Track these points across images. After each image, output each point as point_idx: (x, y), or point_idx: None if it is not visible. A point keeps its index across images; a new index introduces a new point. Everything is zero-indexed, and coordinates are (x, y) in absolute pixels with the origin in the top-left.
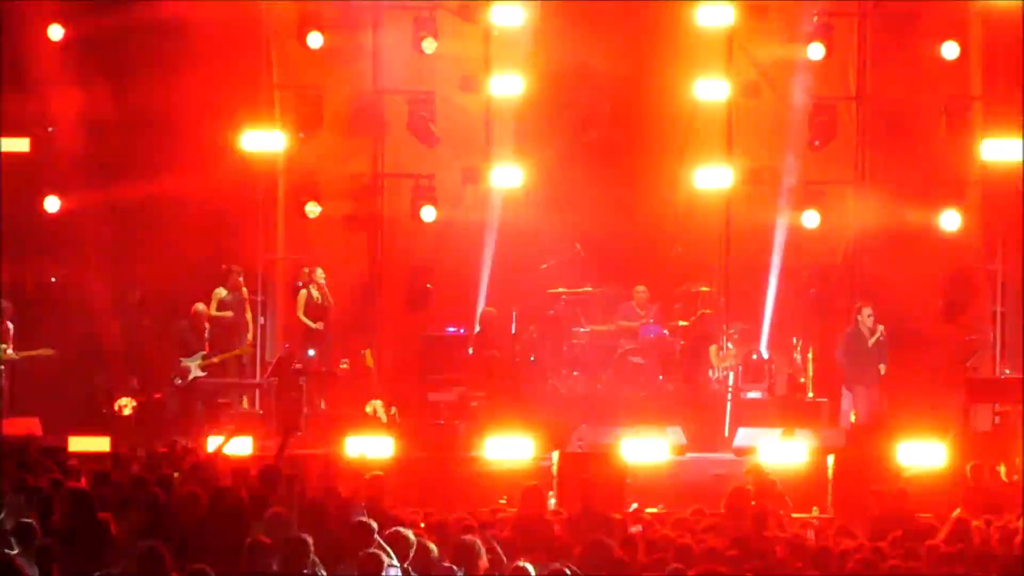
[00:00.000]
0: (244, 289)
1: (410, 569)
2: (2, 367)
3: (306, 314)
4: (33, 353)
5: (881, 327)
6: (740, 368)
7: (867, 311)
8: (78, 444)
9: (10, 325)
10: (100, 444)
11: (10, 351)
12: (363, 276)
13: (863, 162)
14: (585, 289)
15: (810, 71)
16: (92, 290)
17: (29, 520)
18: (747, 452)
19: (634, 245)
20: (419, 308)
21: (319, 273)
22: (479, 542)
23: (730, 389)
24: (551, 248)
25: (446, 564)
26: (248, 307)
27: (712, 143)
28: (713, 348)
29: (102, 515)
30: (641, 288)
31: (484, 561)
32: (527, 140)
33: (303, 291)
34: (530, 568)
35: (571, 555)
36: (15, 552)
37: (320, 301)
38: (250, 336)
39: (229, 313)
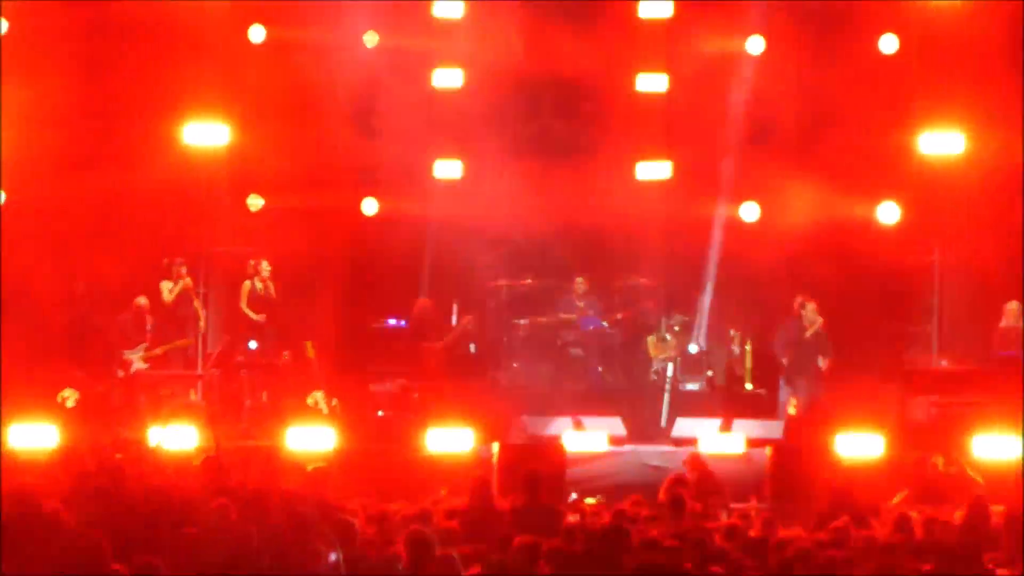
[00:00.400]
0: (188, 279)
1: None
2: None
3: (249, 306)
4: None
5: (819, 320)
6: (679, 360)
7: (811, 306)
8: (20, 435)
9: None
10: (45, 434)
11: None
12: (305, 268)
13: (802, 155)
14: (525, 282)
15: (750, 65)
16: (35, 281)
17: None
18: (686, 443)
19: (574, 238)
20: (360, 300)
21: (264, 266)
22: (431, 534)
23: (668, 380)
24: (490, 241)
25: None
26: (195, 298)
27: (652, 136)
28: (651, 339)
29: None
30: (580, 280)
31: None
32: (468, 133)
33: (247, 283)
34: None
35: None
36: None
37: (263, 293)
38: (202, 325)
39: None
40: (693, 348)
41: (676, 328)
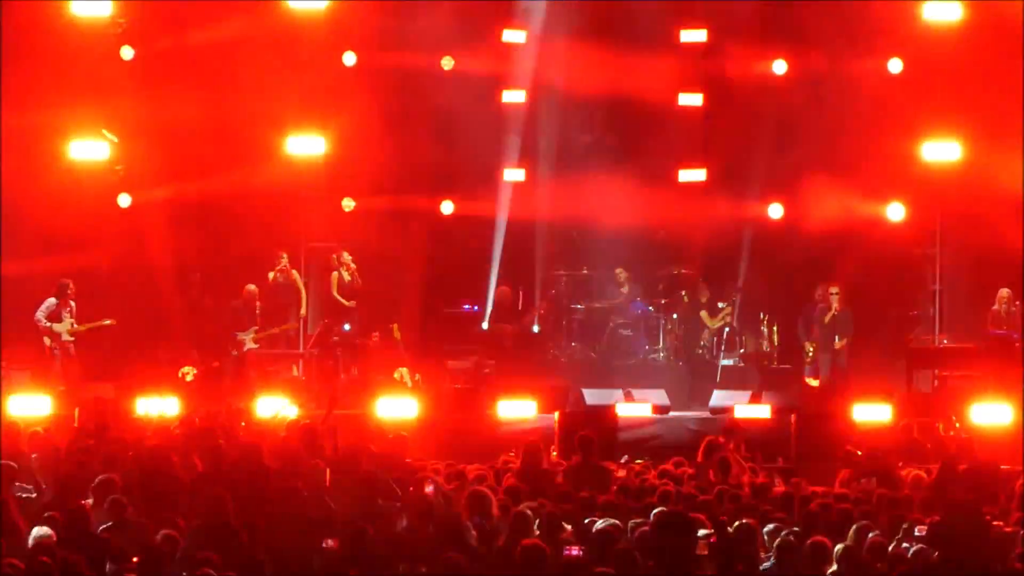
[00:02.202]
0: (293, 272)
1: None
2: (72, 339)
3: (339, 293)
4: (96, 324)
5: (836, 306)
6: (715, 339)
7: (834, 290)
8: (146, 406)
9: (72, 303)
10: (167, 406)
11: (76, 325)
12: (391, 261)
13: (821, 162)
14: (581, 272)
15: (776, 84)
16: (158, 273)
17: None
18: (722, 411)
19: (623, 233)
20: (439, 288)
21: (345, 256)
22: (488, 492)
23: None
24: (552, 236)
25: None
26: (300, 286)
27: (691, 146)
28: (704, 313)
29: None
30: (620, 270)
31: (495, 508)
32: (531, 144)
33: (335, 273)
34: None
35: (569, 500)
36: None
37: (350, 282)
38: (304, 311)
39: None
40: (728, 329)
41: (724, 305)
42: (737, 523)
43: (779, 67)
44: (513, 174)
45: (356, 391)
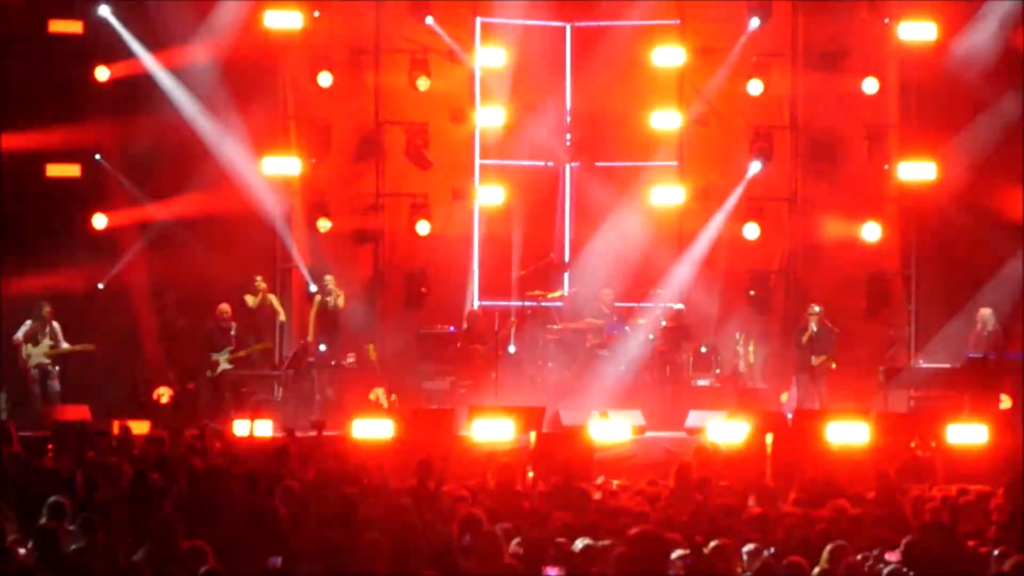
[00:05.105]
0: (270, 295)
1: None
2: (49, 361)
3: (317, 317)
4: (78, 348)
5: (813, 326)
6: (691, 360)
7: (815, 309)
8: (121, 428)
9: (55, 324)
10: (140, 428)
11: (64, 344)
12: (367, 282)
13: (796, 181)
14: (558, 293)
15: (750, 103)
16: (134, 295)
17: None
18: (697, 432)
19: (600, 253)
20: (415, 309)
21: (327, 279)
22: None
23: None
24: (527, 256)
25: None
26: (278, 306)
27: (666, 166)
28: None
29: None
30: (607, 291)
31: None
32: (508, 164)
33: (318, 297)
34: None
35: (545, 523)
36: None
37: (331, 307)
38: (279, 331)
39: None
40: (703, 349)
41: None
42: (713, 544)
43: (754, 87)
44: (489, 194)
45: (332, 412)
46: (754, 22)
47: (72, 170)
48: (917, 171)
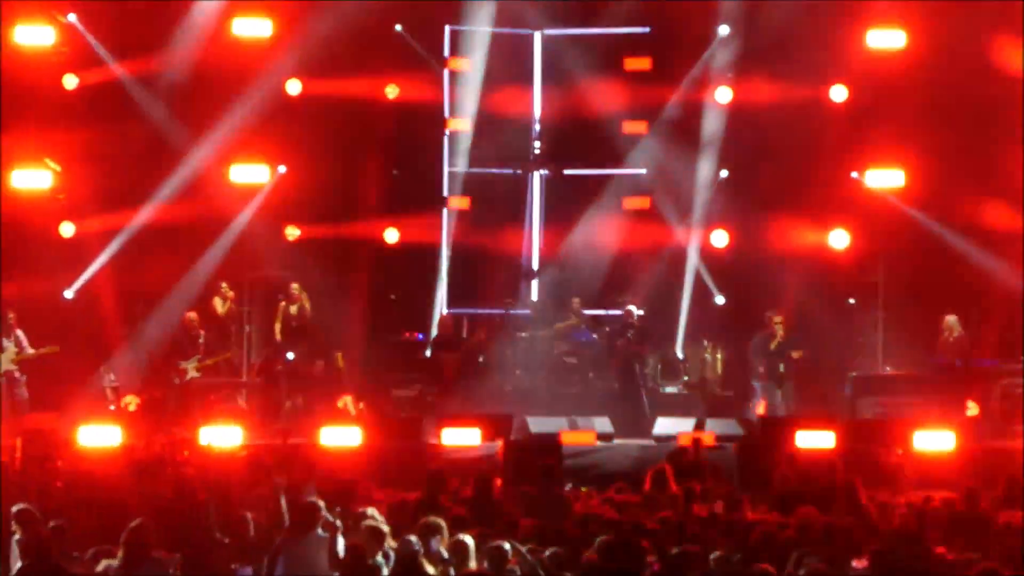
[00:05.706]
0: (232, 302)
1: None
2: (16, 368)
3: (284, 323)
4: (43, 350)
5: (779, 333)
6: (659, 367)
7: (776, 319)
8: (89, 435)
9: (19, 332)
10: (111, 435)
11: (29, 350)
12: (335, 289)
13: (764, 189)
14: (528, 300)
15: (719, 112)
16: (101, 302)
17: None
18: (666, 439)
19: (570, 261)
20: (383, 316)
21: (293, 287)
22: (440, 520)
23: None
24: (495, 264)
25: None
26: (241, 315)
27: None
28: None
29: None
30: (576, 300)
31: (445, 536)
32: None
33: (283, 304)
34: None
35: (517, 529)
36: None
37: (296, 314)
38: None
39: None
40: (671, 356)
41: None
42: (680, 550)
43: (722, 95)
44: (458, 201)
45: (300, 420)
46: (723, 29)
47: (40, 177)
48: (884, 178)
